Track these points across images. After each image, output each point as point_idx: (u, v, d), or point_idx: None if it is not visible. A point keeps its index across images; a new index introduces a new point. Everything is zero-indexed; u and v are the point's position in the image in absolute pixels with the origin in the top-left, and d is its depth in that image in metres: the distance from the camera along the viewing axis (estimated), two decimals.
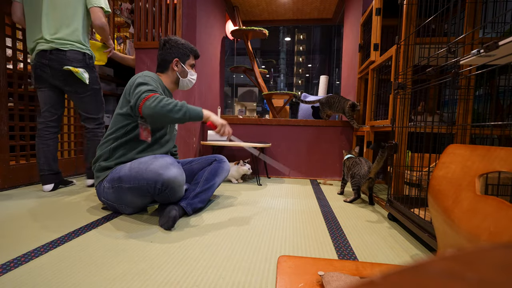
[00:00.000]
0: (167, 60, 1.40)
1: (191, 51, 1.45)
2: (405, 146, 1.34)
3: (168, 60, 1.40)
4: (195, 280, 0.75)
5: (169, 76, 1.43)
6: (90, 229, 1.09)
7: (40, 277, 0.74)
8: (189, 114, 1.19)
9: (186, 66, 1.43)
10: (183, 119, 1.19)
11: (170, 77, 1.43)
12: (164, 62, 1.41)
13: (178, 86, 1.46)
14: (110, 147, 1.28)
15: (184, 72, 1.44)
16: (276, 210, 1.43)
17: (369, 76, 1.91)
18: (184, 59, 1.43)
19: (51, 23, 1.56)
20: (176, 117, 1.17)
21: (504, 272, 0.10)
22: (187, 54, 1.43)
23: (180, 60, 1.41)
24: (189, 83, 1.47)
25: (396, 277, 0.11)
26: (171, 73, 1.42)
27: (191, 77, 1.47)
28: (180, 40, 1.43)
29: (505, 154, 0.42)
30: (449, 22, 1.14)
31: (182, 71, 1.43)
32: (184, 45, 1.43)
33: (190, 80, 1.47)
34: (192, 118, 1.21)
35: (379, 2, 1.80)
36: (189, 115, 1.19)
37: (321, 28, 14.01)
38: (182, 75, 1.44)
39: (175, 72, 1.42)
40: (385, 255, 0.95)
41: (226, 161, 1.53)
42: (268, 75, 3.35)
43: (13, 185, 1.72)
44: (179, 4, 2.22)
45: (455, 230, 0.45)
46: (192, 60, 1.46)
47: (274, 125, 2.48)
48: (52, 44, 1.55)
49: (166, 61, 1.41)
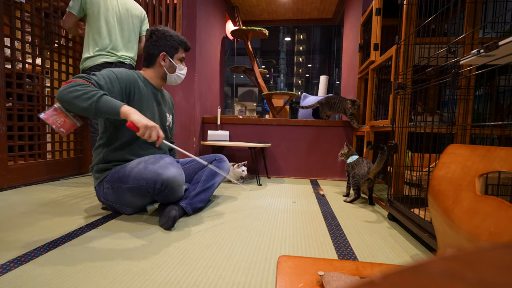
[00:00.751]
0: (154, 54, 1.30)
1: (180, 44, 1.33)
2: (405, 146, 1.34)
3: (155, 54, 1.30)
4: (195, 280, 0.75)
5: (155, 71, 1.33)
6: (90, 229, 1.09)
7: (40, 277, 0.74)
8: (99, 107, 1.03)
9: (175, 61, 1.32)
10: (90, 109, 1.03)
11: (156, 72, 1.34)
12: (150, 56, 1.31)
13: (166, 81, 1.37)
14: (103, 154, 1.26)
15: (172, 67, 1.33)
16: (276, 210, 1.43)
17: (369, 76, 1.91)
18: (173, 52, 1.32)
19: (119, 42, 1.82)
20: (82, 106, 1.02)
21: (504, 272, 0.10)
22: (175, 47, 1.32)
23: (168, 54, 1.31)
24: (177, 79, 1.37)
25: (396, 277, 0.11)
26: (158, 68, 1.32)
27: (180, 72, 1.36)
28: (169, 31, 1.31)
29: (505, 154, 0.42)
30: (449, 22, 1.14)
31: (170, 66, 1.33)
32: (173, 36, 1.31)
33: (178, 75, 1.36)
34: (103, 112, 1.05)
35: (379, 2, 1.80)
36: (97, 107, 1.03)
37: (321, 28, 14.01)
38: (170, 71, 1.33)
39: (163, 68, 1.32)
40: (385, 255, 0.95)
41: (226, 160, 1.53)
42: (268, 75, 3.35)
43: (11, 186, 1.72)
44: (179, 4, 2.22)
45: (455, 230, 0.45)
46: (181, 53, 1.35)
47: (274, 125, 2.48)
48: (118, 58, 1.81)
49: (152, 55, 1.31)
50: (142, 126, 1.05)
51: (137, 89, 1.26)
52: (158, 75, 1.34)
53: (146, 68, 1.35)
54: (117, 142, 1.26)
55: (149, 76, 1.35)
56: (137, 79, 1.28)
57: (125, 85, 1.21)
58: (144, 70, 1.36)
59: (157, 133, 1.10)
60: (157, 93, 1.37)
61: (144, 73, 1.35)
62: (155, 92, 1.36)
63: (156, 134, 1.09)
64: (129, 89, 1.23)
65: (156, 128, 1.09)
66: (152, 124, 1.08)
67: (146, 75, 1.35)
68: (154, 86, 1.36)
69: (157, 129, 1.10)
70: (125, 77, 1.22)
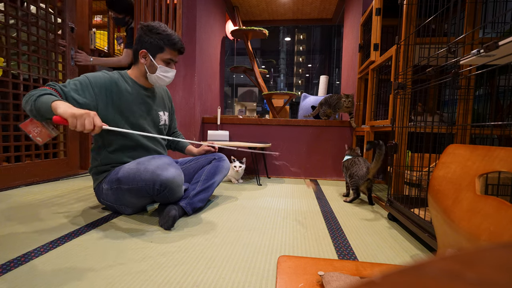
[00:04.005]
0: (137, 50, 1.25)
1: (168, 44, 1.22)
2: (405, 146, 1.34)
3: (137, 49, 1.25)
4: (195, 280, 0.75)
5: (138, 68, 1.28)
6: (90, 229, 1.09)
7: (40, 277, 0.74)
8: (37, 107, 0.96)
9: (157, 60, 1.23)
10: (32, 111, 0.97)
11: (139, 70, 1.28)
12: (135, 52, 1.26)
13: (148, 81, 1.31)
14: (101, 157, 1.26)
15: (153, 67, 1.24)
16: (276, 210, 1.43)
17: (369, 76, 1.91)
18: (155, 51, 1.23)
19: None
20: (27, 109, 0.97)
21: (504, 272, 0.10)
22: (160, 46, 1.22)
23: (150, 52, 1.23)
24: (158, 80, 1.26)
25: (396, 277, 0.11)
26: (140, 65, 1.26)
27: (162, 74, 1.25)
28: (159, 28, 1.22)
29: (505, 154, 0.42)
30: (449, 22, 1.14)
31: (151, 65, 1.24)
32: (161, 35, 1.21)
33: (159, 77, 1.25)
34: (42, 111, 0.96)
35: (379, 2, 1.80)
36: (36, 108, 0.96)
37: (321, 28, 14.01)
38: (150, 70, 1.25)
39: (143, 65, 1.25)
40: (385, 255, 0.95)
41: (225, 159, 1.52)
42: (268, 75, 3.35)
43: (8, 186, 1.71)
44: (179, 4, 2.22)
45: (455, 230, 0.45)
46: (167, 54, 1.24)
47: (274, 125, 2.48)
48: None
49: (136, 51, 1.25)
50: (69, 116, 0.90)
51: (116, 91, 1.21)
52: (141, 73, 1.28)
53: (133, 65, 1.31)
54: (111, 146, 1.26)
55: (134, 75, 1.30)
56: (117, 80, 1.23)
57: (99, 89, 1.17)
58: (132, 68, 1.32)
59: (92, 121, 0.93)
60: (145, 92, 1.32)
61: (131, 72, 1.31)
62: (142, 91, 1.31)
63: (90, 122, 0.92)
64: (104, 93, 1.18)
65: (90, 115, 0.93)
66: (81, 112, 0.91)
67: (133, 73, 1.31)
68: (142, 85, 1.31)
69: (92, 117, 0.93)
70: (100, 81, 1.18)
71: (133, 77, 1.31)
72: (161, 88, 1.48)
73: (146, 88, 1.33)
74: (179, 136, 1.64)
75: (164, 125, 1.44)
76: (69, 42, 2.12)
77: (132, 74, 1.31)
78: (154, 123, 1.38)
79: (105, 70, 1.26)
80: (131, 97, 1.26)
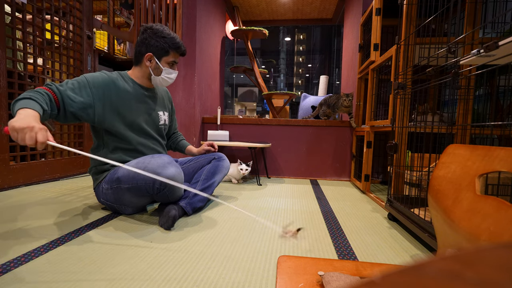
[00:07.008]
0: (141, 52, 1.26)
1: (173, 47, 1.26)
2: (405, 146, 1.34)
3: (142, 52, 1.26)
4: (195, 280, 0.75)
5: (141, 70, 1.29)
6: (90, 229, 1.09)
7: (40, 277, 0.74)
8: (13, 111, 0.92)
9: (162, 63, 1.26)
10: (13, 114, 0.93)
11: (142, 72, 1.29)
12: (138, 54, 1.27)
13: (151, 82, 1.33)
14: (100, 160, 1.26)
15: (158, 69, 1.27)
16: (276, 210, 1.43)
17: (369, 76, 1.91)
18: (161, 54, 1.25)
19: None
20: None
21: (504, 272, 0.10)
22: (165, 50, 1.25)
23: (155, 56, 1.25)
24: (162, 82, 1.31)
25: (396, 277, 0.11)
26: (144, 67, 1.28)
27: (166, 76, 1.29)
28: (163, 31, 1.24)
29: (505, 154, 0.42)
30: (449, 22, 1.14)
31: (156, 68, 1.27)
32: (166, 39, 1.24)
33: (164, 79, 1.30)
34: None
35: (379, 2, 1.80)
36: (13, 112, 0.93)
37: (321, 28, 14.01)
38: (155, 72, 1.28)
39: (148, 68, 1.27)
40: (385, 255, 0.95)
41: (225, 158, 1.51)
42: (268, 75, 3.35)
43: (13, 185, 1.72)
44: (179, 4, 2.22)
45: (455, 230, 0.45)
46: (171, 57, 1.27)
47: (274, 125, 2.48)
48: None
49: (140, 53, 1.26)
50: (10, 128, 0.81)
51: (114, 90, 1.21)
52: (144, 74, 1.30)
53: (134, 66, 1.31)
54: (109, 147, 1.26)
55: (135, 76, 1.31)
56: (116, 80, 1.23)
57: (96, 89, 1.17)
58: (132, 69, 1.32)
59: (33, 136, 0.81)
60: (145, 92, 1.33)
61: (132, 72, 1.32)
62: (142, 92, 1.31)
63: (31, 137, 0.81)
64: (102, 92, 1.18)
65: (33, 130, 0.82)
66: (22, 126, 0.81)
67: (133, 74, 1.31)
68: (142, 86, 1.32)
69: (35, 131, 0.82)
70: (98, 81, 1.18)
71: (133, 77, 1.31)
72: (162, 88, 1.49)
73: (146, 88, 1.34)
74: (180, 136, 1.64)
75: (164, 125, 1.44)
76: (86, 49, 2.27)
77: (132, 75, 1.31)
78: (154, 122, 1.38)
79: (104, 71, 1.27)
80: (130, 96, 1.27)
